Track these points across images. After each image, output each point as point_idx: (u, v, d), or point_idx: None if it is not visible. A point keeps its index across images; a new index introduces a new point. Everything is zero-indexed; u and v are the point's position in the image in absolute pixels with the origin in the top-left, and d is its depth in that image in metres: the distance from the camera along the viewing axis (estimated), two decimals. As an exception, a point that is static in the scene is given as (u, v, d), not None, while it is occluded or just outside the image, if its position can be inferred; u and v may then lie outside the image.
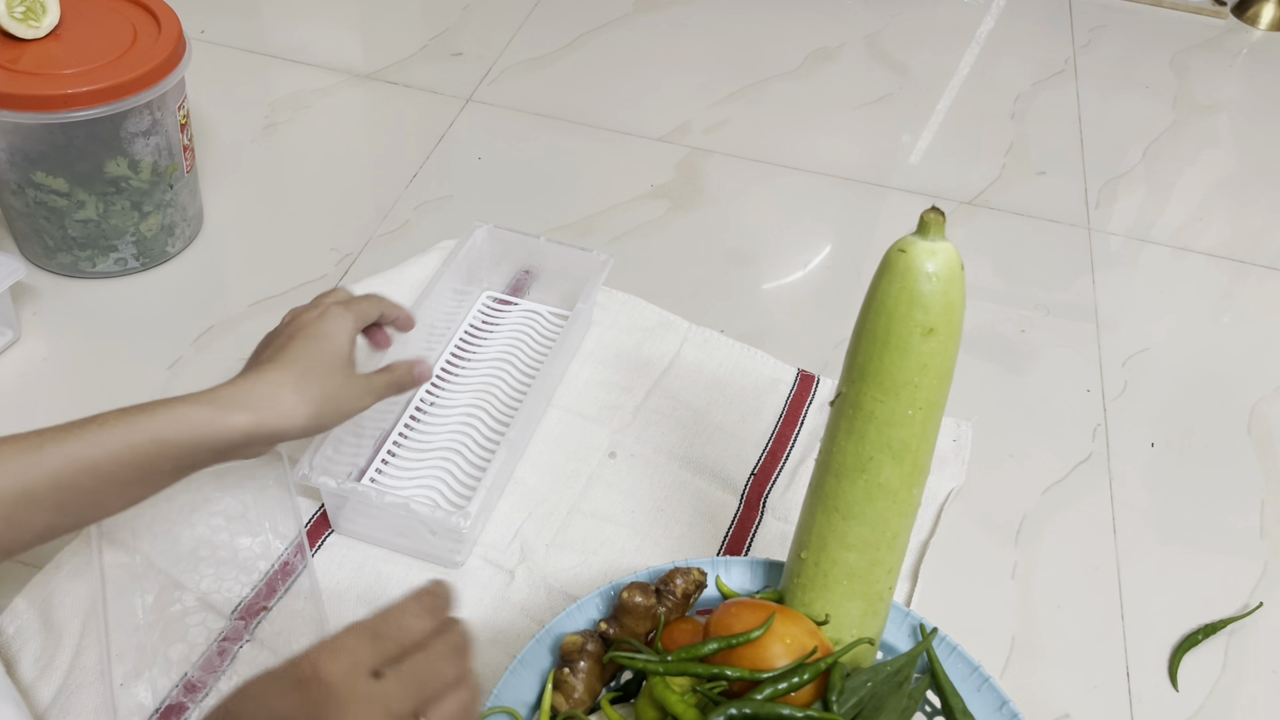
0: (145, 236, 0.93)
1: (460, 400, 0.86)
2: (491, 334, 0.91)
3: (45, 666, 0.67)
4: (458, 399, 0.86)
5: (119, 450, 0.57)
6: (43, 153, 0.84)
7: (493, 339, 0.91)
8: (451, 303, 0.89)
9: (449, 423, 0.84)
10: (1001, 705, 0.58)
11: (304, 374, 0.64)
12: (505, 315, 0.93)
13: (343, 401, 0.65)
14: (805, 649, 0.54)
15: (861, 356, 0.54)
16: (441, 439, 0.83)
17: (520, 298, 0.95)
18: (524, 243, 0.91)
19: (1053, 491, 0.86)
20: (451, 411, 0.85)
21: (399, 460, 0.81)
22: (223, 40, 1.25)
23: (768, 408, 0.89)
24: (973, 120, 1.28)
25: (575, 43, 1.32)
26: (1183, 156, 1.26)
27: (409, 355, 0.76)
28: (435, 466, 0.81)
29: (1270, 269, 1.12)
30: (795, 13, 1.43)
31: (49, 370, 0.86)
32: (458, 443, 0.82)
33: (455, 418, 0.84)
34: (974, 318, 0.98)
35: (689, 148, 1.18)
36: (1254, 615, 0.79)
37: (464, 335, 0.91)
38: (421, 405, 0.85)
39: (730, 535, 0.79)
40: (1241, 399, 0.96)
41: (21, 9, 0.83)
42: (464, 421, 0.84)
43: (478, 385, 0.87)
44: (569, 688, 0.56)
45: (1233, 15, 1.54)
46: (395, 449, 0.82)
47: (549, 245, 0.90)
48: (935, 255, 0.51)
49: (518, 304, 0.94)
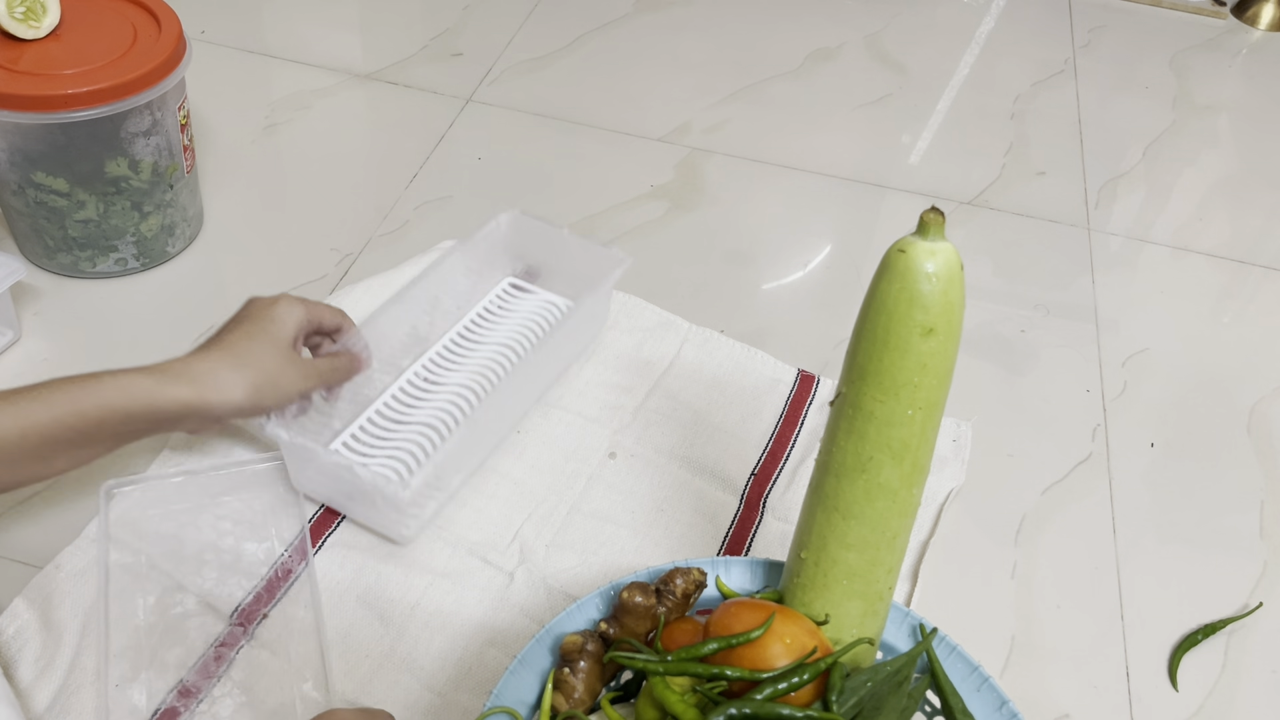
0: (145, 237, 0.93)
1: (454, 379, 0.85)
2: (503, 319, 0.91)
3: (45, 667, 0.67)
4: (452, 378, 0.86)
5: (66, 414, 0.61)
6: (43, 153, 0.84)
7: (503, 324, 0.91)
8: (464, 281, 0.89)
9: (437, 399, 0.84)
10: (1001, 705, 0.58)
11: (244, 355, 0.67)
12: (521, 302, 0.93)
13: (282, 384, 0.69)
14: (805, 649, 0.54)
15: (861, 356, 0.54)
16: (424, 414, 0.82)
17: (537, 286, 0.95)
18: (546, 233, 0.90)
19: (1053, 491, 0.86)
20: (442, 389, 0.84)
21: (376, 429, 0.81)
22: (223, 40, 1.25)
23: (768, 408, 0.89)
24: (973, 120, 1.28)
25: (575, 43, 1.32)
26: (1183, 156, 1.26)
27: (402, 331, 0.78)
28: (409, 440, 0.80)
29: (1270, 269, 1.12)
30: (795, 13, 1.43)
31: (49, 370, 0.86)
32: (439, 420, 0.82)
33: (444, 395, 0.84)
34: (974, 318, 0.98)
35: (689, 148, 1.18)
36: (1254, 615, 0.79)
37: (476, 316, 0.91)
38: (415, 380, 0.85)
39: (730, 535, 0.79)
40: (1241, 399, 0.96)
41: (22, 9, 0.83)
42: (451, 401, 0.84)
43: (476, 367, 0.87)
44: (569, 688, 0.56)
45: (1233, 15, 1.54)
46: (377, 418, 0.82)
47: (570, 238, 0.90)
48: (935, 255, 0.51)
49: (536, 293, 0.94)
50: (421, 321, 0.86)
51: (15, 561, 0.73)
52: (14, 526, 0.75)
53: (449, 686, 0.69)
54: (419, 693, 0.68)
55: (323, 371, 0.73)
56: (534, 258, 0.94)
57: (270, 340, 0.69)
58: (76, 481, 0.78)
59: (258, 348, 0.68)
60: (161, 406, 0.64)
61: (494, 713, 0.56)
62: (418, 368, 0.86)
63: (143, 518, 0.75)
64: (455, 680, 0.69)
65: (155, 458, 0.80)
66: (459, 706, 0.68)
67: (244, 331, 0.69)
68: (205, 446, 0.81)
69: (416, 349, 0.87)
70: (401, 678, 0.69)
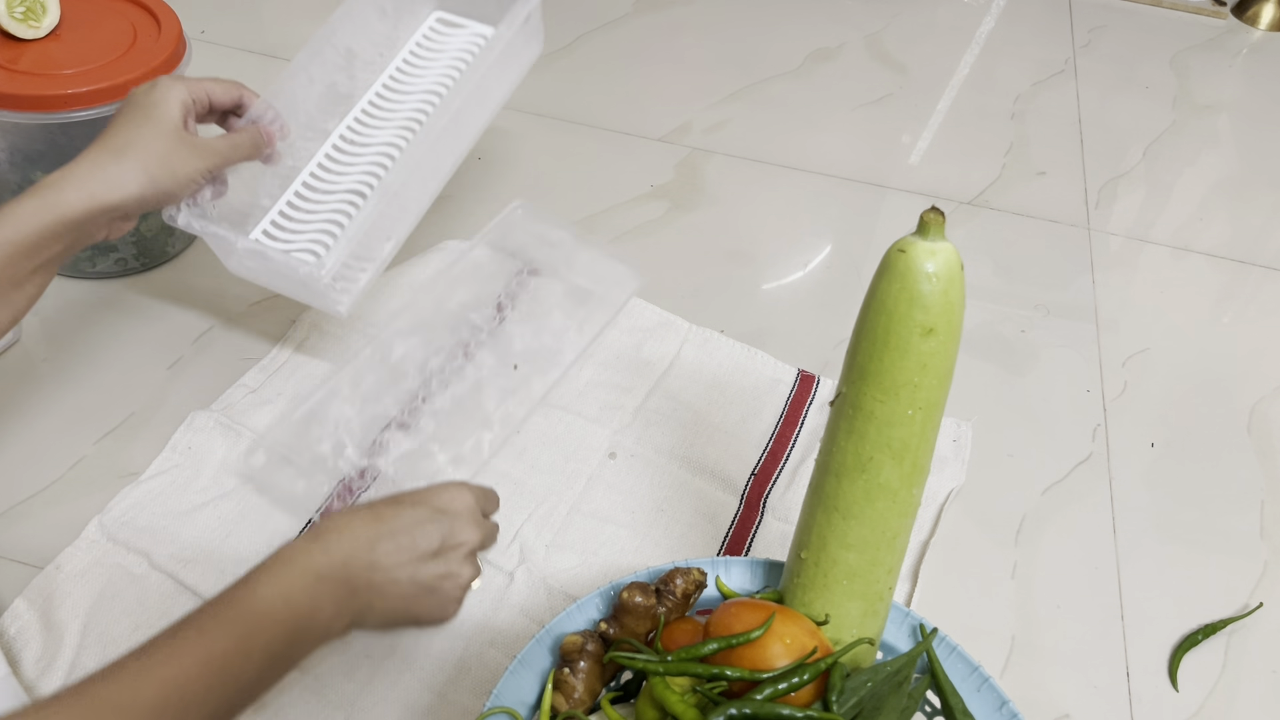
0: (145, 236, 0.93)
1: (380, 137, 0.78)
2: (431, 62, 0.82)
3: (46, 667, 0.67)
4: (378, 136, 0.78)
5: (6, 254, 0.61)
6: (43, 153, 0.84)
7: (431, 68, 0.82)
8: (380, 26, 0.80)
9: (362, 161, 0.77)
10: (1001, 705, 0.58)
11: (129, 145, 0.66)
12: (449, 39, 0.84)
13: (178, 167, 0.67)
14: (805, 649, 0.54)
15: (861, 356, 0.54)
16: (349, 180, 0.76)
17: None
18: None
19: (1052, 491, 0.86)
20: (368, 149, 0.78)
21: (303, 203, 0.76)
22: (223, 40, 1.25)
23: (768, 408, 0.89)
24: (973, 120, 1.28)
25: (575, 43, 1.32)
26: (1183, 156, 1.26)
27: (318, 91, 0.73)
28: (334, 210, 0.75)
29: (1270, 269, 1.12)
30: (795, 13, 1.43)
31: (49, 371, 0.86)
32: (364, 185, 0.76)
33: (369, 156, 0.77)
34: (974, 318, 0.98)
35: (689, 148, 1.18)
36: (1254, 615, 0.79)
37: (401, 63, 0.82)
38: (340, 143, 0.79)
39: (730, 535, 0.79)
40: (1241, 399, 0.96)
41: (21, 9, 0.83)
42: (376, 162, 0.77)
43: (402, 120, 0.79)
44: (569, 688, 0.56)
45: (1233, 15, 1.54)
46: (304, 190, 0.77)
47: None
48: (935, 255, 0.51)
49: (466, 25, 0.84)
50: (340, 79, 0.78)
51: (15, 561, 0.73)
52: (14, 526, 0.75)
53: (449, 686, 0.69)
54: (419, 692, 0.68)
55: (222, 150, 0.70)
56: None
57: (154, 125, 0.67)
58: (76, 481, 0.78)
59: (143, 135, 0.67)
60: (61, 219, 0.63)
61: (494, 713, 0.56)
62: (342, 129, 0.79)
63: (139, 514, 0.75)
64: (455, 680, 0.69)
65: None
66: (459, 707, 0.68)
67: (125, 120, 0.67)
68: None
69: (340, 109, 0.79)
70: (401, 677, 0.69)
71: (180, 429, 0.81)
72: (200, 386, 0.86)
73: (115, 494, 0.77)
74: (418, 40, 0.83)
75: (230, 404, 0.84)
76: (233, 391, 0.85)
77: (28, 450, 0.80)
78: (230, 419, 0.82)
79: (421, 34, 0.83)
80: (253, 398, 0.84)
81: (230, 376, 0.86)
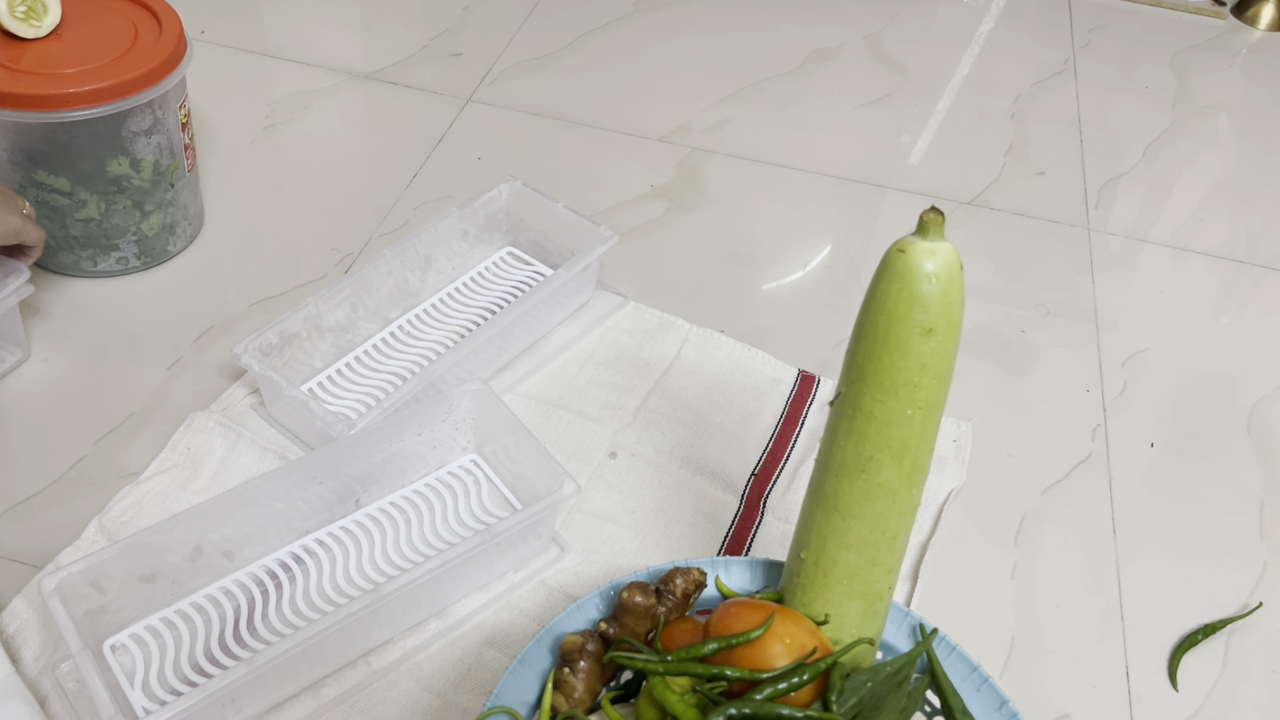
0: (147, 236, 0.93)
1: (434, 335, 0.90)
2: (494, 285, 0.95)
3: (44, 666, 0.67)
4: (432, 334, 0.90)
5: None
6: (44, 152, 0.84)
7: (492, 289, 0.95)
8: (460, 244, 0.94)
9: (413, 352, 0.88)
10: (1001, 705, 0.58)
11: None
12: (515, 271, 0.97)
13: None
14: (805, 649, 0.54)
15: (861, 356, 0.54)
16: (398, 364, 0.87)
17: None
18: (544, 206, 0.94)
19: (1052, 491, 0.86)
20: (420, 343, 0.89)
21: (352, 374, 0.86)
22: (223, 40, 1.25)
23: (768, 408, 0.89)
24: (972, 120, 1.28)
25: (575, 43, 1.32)
26: (1182, 156, 1.26)
27: (391, 282, 0.89)
28: (377, 386, 0.85)
29: (1270, 269, 1.12)
30: (795, 13, 1.43)
31: (49, 372, 0.86)
32: (409, 370, 0.87)
33: (420, 348, 0.89)
34: (974, 318, 0.98)
35: (689, 148, 1.18)
36: (1254, 615, 0.79)
37: (470, 279, 0.95)
38: (399, 331, 0.90)
39: (730, 535, 0.79)
40: (1241, 399, 0.96)
41: (23, 8, 0.83)
42: (424, 354, 0.88)
43: (456, 325, 0.91)
44: (569, 688, 0.56)
45: (1233, 15, 1.54)
46: (354, 363, 0.87)
47: (564, 212, 0.93)
48: (935, 255, 0.51)
49: (531, 263, 0.98)
50: (413, 277, 0.91)
51: (15, 561, 0.73)
52: (14, 526, 0.75)
53: (448, 687, 0.69)
54: (418, 693, 0.68)
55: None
56: (534, 229, 0.98)
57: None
58: (77, 481, 0.78)
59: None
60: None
61: (494, 713, 0.56)
62: (403, 321, 0.91)
63: (137, 514, 0.75)
64: (455, 681, 0.69)
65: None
66: (458, 707, 0.68)
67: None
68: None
69: (405, 302, 0.92)
70: (401, 678, 0.69)
71: (180, 429, 0.81)
72: (200, 386, 0.86)
73: (115, 494, 0.77)
74: (487, 264, 0.97)
75: (230, 404, 0.84)
76: (233, 391, 0.85)
77: (28, 450, 0.80)
78: (230, 419, 0.82)
79: (492, 260, 0.98)
80: (253, 398, 0.84)
81: (230, 376, 0.86)
